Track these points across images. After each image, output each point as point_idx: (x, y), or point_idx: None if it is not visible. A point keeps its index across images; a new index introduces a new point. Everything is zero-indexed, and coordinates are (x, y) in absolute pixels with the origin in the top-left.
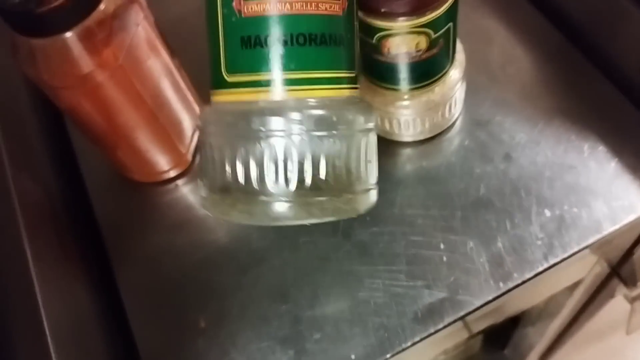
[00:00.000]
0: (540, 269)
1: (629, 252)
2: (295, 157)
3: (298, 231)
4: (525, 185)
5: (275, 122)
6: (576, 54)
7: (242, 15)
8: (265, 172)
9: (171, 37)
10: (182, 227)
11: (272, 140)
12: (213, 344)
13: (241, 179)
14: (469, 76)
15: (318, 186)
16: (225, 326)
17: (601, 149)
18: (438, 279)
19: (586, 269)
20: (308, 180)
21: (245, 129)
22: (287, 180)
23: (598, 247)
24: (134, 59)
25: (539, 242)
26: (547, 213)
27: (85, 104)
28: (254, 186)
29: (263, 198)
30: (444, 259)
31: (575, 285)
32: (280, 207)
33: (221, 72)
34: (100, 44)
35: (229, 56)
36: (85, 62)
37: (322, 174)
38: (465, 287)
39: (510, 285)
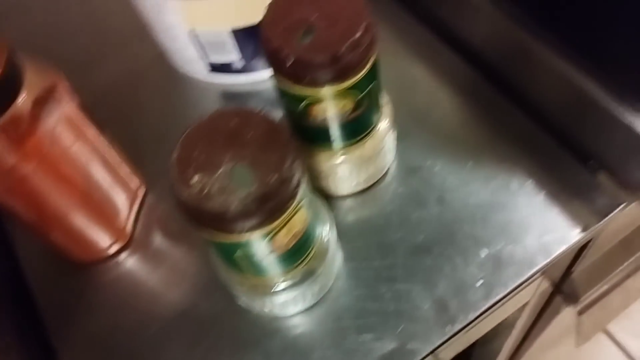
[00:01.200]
0: (483, 308)
1: (568, 271)
2: None
3: None
4: (460, 228)
5: None
6: (497, 94)
7: None
8: None
9: (101, 108)
10: (128, 304)
11: None
12: None
13: None
14: (398, 123)
15: None
16: None
17: (529, 184)
18: (387, 330)
19: (531, 292)
20: None
21: None
22: None
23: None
24: (60, 144)
25: (479, 283)
26: (483, 253)
27: (13, 195)
28: None
29: None
30: (391, 308)
31: (523, 306)
32: None
33: None
34: (22, 136)
35: None
36: (7, 156)
37: None
38: (413, 335)
39: (456, 328)
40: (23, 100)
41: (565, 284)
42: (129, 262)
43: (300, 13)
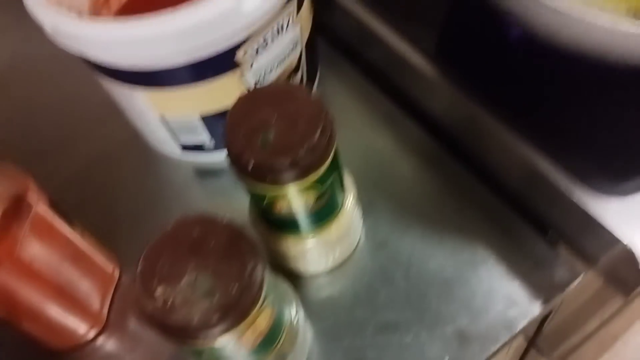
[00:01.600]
0: None
1: (540, 326)
2: None
3: None
4: (426, 303)
5: None
6: (459, 166)
7: None
8: None
9: (77, 191)
10: None
11: None
12: None
13: None
14: (364, 197)
15: None
16: None
17: (491, 257)
18: None
19: (502, 357)
20: None
21: None
22: None
23: None
24: (31, 245)
25: None
26: (449, 329)
27: None
28: None
29: None
30: None
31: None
32: None
33: None
34: None
35: None
36: None
37: None
38: None
39: None
40: None
41: (538, 338)
42: (106, 346)
43: (261, 115)
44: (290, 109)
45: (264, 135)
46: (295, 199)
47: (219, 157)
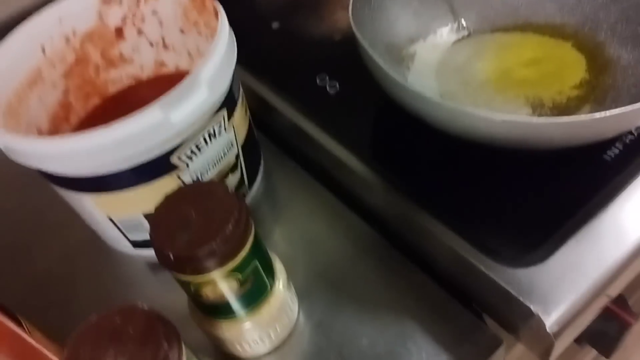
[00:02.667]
0: None
1: None
2: None
3: None
4: None
5: None
6: (392, 250)
7: None
8: None
9: (37, 295)
10: None
11: None
12: None
13: None
14: (302, 283)
15: None
16: None
17: (420, 332)
18: None
19: None
20: None
21: None
22: None
23: None
24: None
25: None
26: None
27: None
28: None
29: None
30: None
31: None
32: None
33: None
34: None
35: None
36: None
37: None
38: None
39: None
40: None
41: None
42: None
43: (182, 212)
44: (208, 204)
45: (182, 230)
46: (218, 285)
47: None
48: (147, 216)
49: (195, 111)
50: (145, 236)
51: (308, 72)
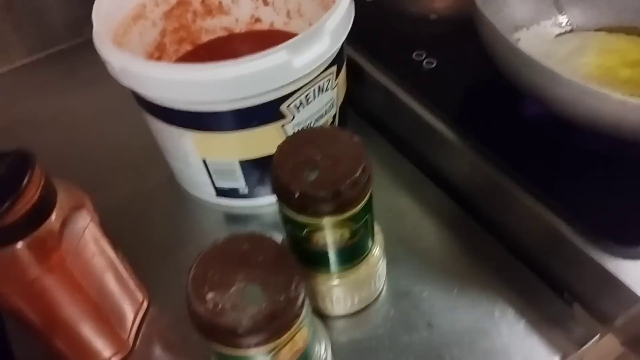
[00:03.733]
0: None
1: None
2: None
3: None
4: (448, 352)
5: None
6: (477, 227)
7: None
8: None
9: (113, 224)
10: None
11: None
12: None
13: None
14: (388, 251)
15: None
16: None
17: (510, 312)
18: None
19: None
20: None
21: None
22: None
23: None
24: (81, 259)
25: None
26: None
27: (30, 305)
28: None
29: None
30: None
31: None
32: None
33: None
34: (48, 251)
35: None
36: (33, 269)
37: None
38: None
39: None
40: (53, 219)
41: None
42: None
43: (306, 154)
44: (334, 149)
45: (309, 170)
46: (331, 232)
47: (250, 204)
48: (242, 163)
49: (317, 59)
50: (233, 184)
51: (404, 46)
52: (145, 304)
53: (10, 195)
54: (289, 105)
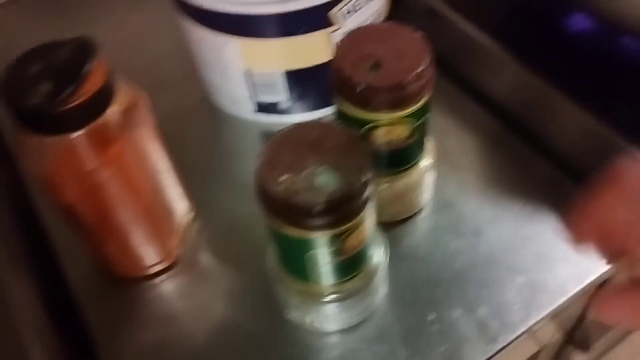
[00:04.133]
0: (521, 330)
1: (581, 317)
2: None
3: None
4: (496, 258)
5: None
6: (519, 142)
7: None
8: None
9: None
10: (174, 320)
11: None
12: None
13: None
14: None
15: None
16: None
17: (554, 220)
18: (431, 349)
19: (546, 338)
20: None
21: None
22: None
23: (557, 314)
24: (137, 156)
25: (516, 307)
26: (520, 280)
27: (85, 199)
28: None
29: None
30: (434, 329)
31: (535, 355)
32: None
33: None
34: (106, 143)
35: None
36: (91, 160)
37: None
38: (457, 352)
39: (497, 347)
40: (113, 111)
41: (577, 332)
42: (173, 281)
43: (368, 49)
44: (396, 45)
45: (372, 64)
46: (390, 130)
47: (290, 120)
48: (287, 74)
49: None
50: (275, 98)
51: None
52: (191, 215)
53: (73, 80)
54: (338, 11)
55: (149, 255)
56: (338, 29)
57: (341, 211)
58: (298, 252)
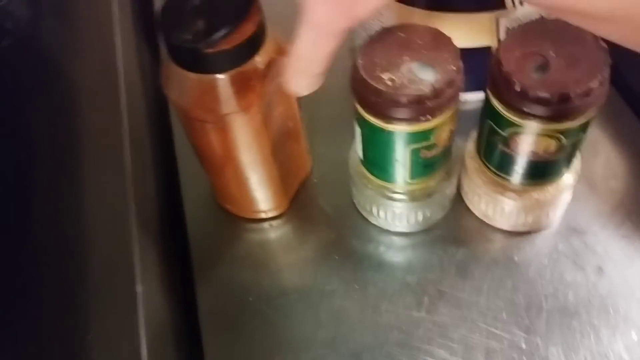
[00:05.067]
0: None
1: None
2: None
3: (381, 297)
4: (614, 302)
5: None
6: None
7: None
8: None
9: None
10: (267, 268)
11: None
12: None
13: None
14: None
15: None
16: None
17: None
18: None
19: None
20: None
21: None
22: None
23: None
24: (271, 105)
25: None
26: (634, 336)
27: (215, 138)
28: None
29: None
30: (523, 359)
31: None
32: None
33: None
34: (248, 88)
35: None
36: (230, 103)
37: None
38: None
39: None
40: (258, 60)
41: None
42: (279, 231)
43: (537, 47)
44: (570, 49)
45: (538, 65)
46: (536, 140)
47: None
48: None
49: None
50: None
51: None
52: (308, 169)
53: (228, 23)
54: None
55: (262, 201)
56: (509, 13)
57: (447, 96)
58: (398, 147)
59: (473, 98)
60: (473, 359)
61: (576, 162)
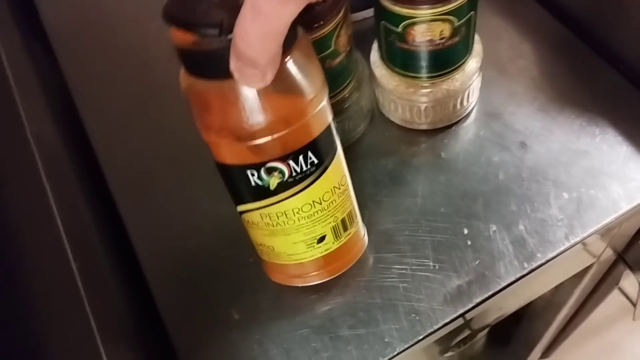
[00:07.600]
0: (562, 248)
1: (636, 237)
2: None
3: None
4: (542, 171)
5: None
6: (580, 46)
7: None
8: None
9: None
10: None
11: None
12: (247, 335)
13: None
14: (482, 71)
15: None
16: (258, 317)
17: (612, 134)
18: (464, 263)
19: (595, 256)
20: None
21: None
22: None
23: (607, 231)
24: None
25: (560, 224)
26: (565, 196)
27: None
28: None
29: None
30: (469, 243)
31: (584, 272)
32: None
33: None
34: None
35: None
36: None
37: None
38: (490, 269)
39: (535, 264)
40: None
41: (630, 252)
42: None
43: None
44: None
45: None
46: (430, 27)
47: None
48: None
49: None
50: None
51: None
52: None
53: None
54: None
55: None
56: None
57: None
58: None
59: (369, 14)
60: (422, 255)
61: (477, 46)
